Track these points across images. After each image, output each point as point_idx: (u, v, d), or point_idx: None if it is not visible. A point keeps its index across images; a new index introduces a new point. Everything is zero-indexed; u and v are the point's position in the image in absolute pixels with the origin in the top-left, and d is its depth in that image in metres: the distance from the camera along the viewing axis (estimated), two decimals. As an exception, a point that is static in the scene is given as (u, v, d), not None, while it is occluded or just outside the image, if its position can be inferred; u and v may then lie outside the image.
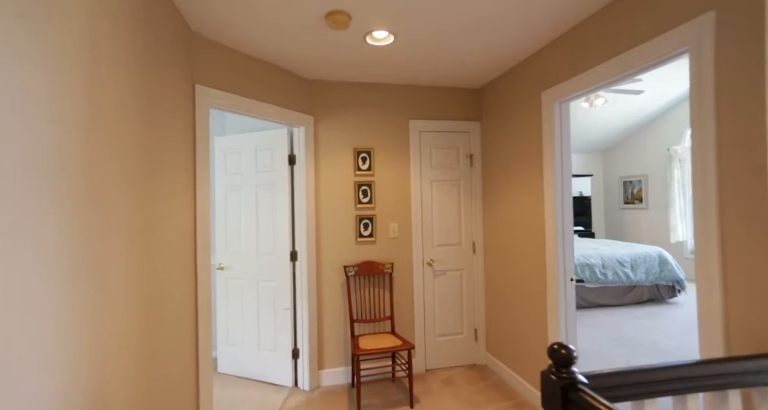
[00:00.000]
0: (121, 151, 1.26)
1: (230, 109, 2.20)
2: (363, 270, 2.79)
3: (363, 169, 2.89)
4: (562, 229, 2.16)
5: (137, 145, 1.38)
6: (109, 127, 1.19)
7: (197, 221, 1.97)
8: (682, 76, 5.09)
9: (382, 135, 2.93)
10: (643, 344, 3.39)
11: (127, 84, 1.30)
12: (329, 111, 2.84)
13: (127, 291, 1.30)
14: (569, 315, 2.16)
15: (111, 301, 1.20)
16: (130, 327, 1.32)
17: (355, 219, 2.86)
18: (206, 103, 2.03)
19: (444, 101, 3.03)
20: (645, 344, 3.39)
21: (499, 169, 2.77)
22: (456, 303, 3.02)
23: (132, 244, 1.34)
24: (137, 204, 1.38)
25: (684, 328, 3.76)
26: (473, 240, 3.05)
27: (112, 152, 1.21)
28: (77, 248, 1.02)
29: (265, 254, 2.79)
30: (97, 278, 1.12)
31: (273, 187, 2.79)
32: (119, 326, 1.25)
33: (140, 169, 1.40)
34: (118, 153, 1.24)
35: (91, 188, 1.08)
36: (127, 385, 1.29)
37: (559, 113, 2.15)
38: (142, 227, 1.43)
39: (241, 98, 2.26)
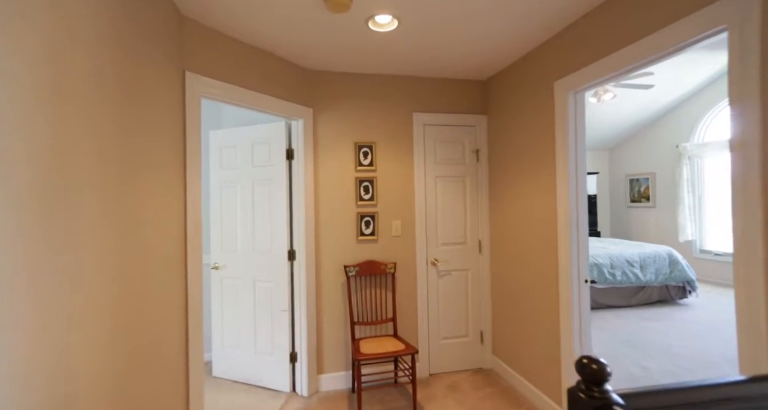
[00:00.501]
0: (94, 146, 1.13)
1: (224, 99, 2.07)
2: (364, 270, 2.67)
3: (364, 164, 2.76)
4: (576, 228, 2.02)
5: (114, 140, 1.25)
6: (77, 120, 1.06)
7: (188, 220, 1.84)
8: (695, 69, 4.94)
9: (384, 128, 2.79)
10: (657, 348, 3.26)
11: (98, 71, 1.17)
12: (329, 103, 2.71)
13: (104, 293, 1.18)
14: (584, 319, 2.03)
15: (84, 304, 1.07)
16: (110, 330, 1.20)
17: (356, 217, 2.73)
18: (197, 91, 1.90)
19: (449, 93, 2.89)
20: (658, 348, 3.25)
21: (508, 164, 2.64)
22: (461, 305, 2.89)
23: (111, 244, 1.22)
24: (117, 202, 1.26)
25: (698, 331, 3.62)
26: (479, 239, 2.92)
27: (84, 148, 1.08)
28: (38, 249, 0.89)
29: (262, 253, 2.67)
30: (66, 280, 0.99)
31: (270, 182, 2.66)
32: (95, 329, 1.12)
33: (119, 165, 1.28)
34: (91, 149, 1.11)
35: (57, 185, 0.95)
36: (105, 391, 1.16)
37: (574, 104, 2.01)
38: (124, 226, 1.30)
39: (236, 88, 2.13)
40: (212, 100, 2.07)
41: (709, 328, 3.69)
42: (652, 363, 2.96)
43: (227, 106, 3.12)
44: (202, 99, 2.08)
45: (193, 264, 1.86)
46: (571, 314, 2.02)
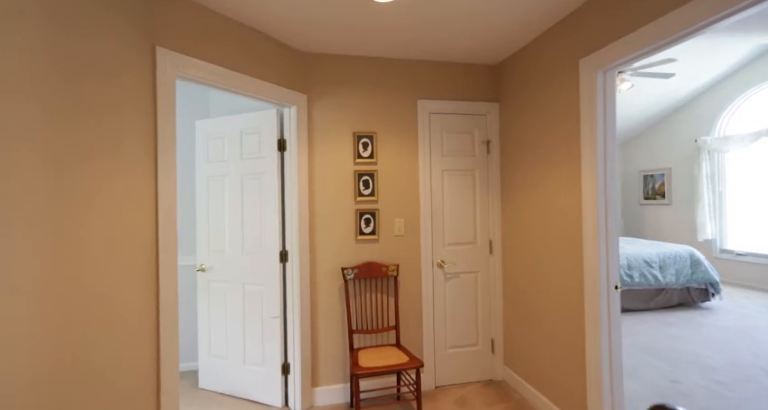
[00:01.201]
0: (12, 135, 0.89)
1: (204, 80, 1.83)
2: (364, 273, 2.42)
3: (364, 156, 2.51)
4: (605, 227, 1.76)
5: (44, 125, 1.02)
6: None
7: (159, 215, 1.60)
8: (717, 57, 4.64)
9: (386, 117, 2.54)
10: (683, 357, 2.99)
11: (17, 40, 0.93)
12: (325, 89, 2.46)
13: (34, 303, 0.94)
14: (614, 331, 1.77)
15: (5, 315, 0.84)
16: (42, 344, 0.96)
17: (355, 214, 2.49)
18: (171, 71, 1.66)
19: (457, 79, 2.63)
20: (685, 358, 2.98)
21: (523, 156, 2.38)
22: (470, 310, 2.64)
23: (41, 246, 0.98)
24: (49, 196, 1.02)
25: (726, 339, 3.35)
26: (490, 238, 2.67)
27: None
28: None
29: (252, 253, 2.43)
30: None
31: (260, 176, 2.42)
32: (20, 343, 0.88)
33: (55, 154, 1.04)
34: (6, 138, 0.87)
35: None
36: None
37: (603, 85, 1.75)
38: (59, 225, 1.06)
39: (219, 68, 1.89)
40: (191, 82, 1.83)
41: (739, 335, 3.42)
42: (682, 375, 2.69)
43: (216, 93, 2.89)
44: (182, 81, 1.84)
45: (166, 265, 1.62)
46: (599, 325, 1.76)
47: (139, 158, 1.50)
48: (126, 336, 1.42)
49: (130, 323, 1.44)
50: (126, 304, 1.42)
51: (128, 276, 1.43)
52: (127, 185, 1.44)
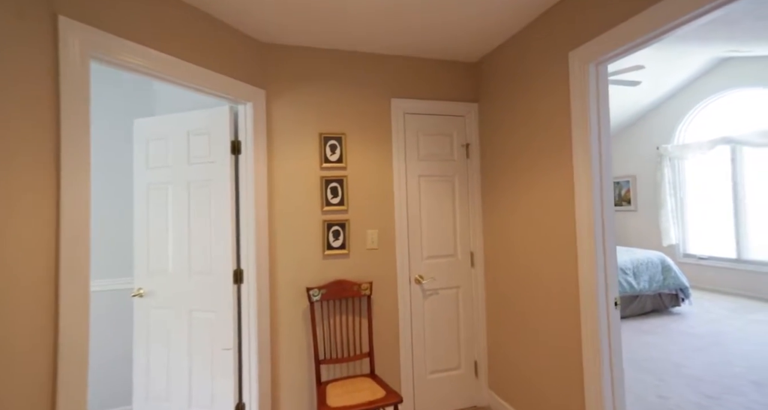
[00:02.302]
0: None
1: (131, 64, 1.49)
2: (332, 293, 2.12)
3: (332, 160, 2.23)
4: (602, 235, 1.59)
5: None
6: None
7: (62, 230, 1.24)
8: (677, 67, 4.80)
9: (356, 117, 2.29)
10: (666, 369, 2.90)
11: None
12: (288, 85, 2.18)
13: None
14: (614, 352, 1.59)
15: None
16: None
17: (322, 226, 2.19)
18: (82, 49, 1.32)
19: (434, 77, 2.44)
20: (668, 369, 2.90)
21: (506, 160, 2.20)
22: (451, 330, 2.40)
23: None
24: None
25: (702, 346, 3.32)
26: (471, 250, 2.46)
27: None
28: None
29: (200, 274, 2.06)
30: None
31: (211, 183, 2.08)
32: None
33: None
34: None
35: None
36: None
37: (596, 79, 1.59)
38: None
39: (156, 53, 1.56)
40: (116, 67, 1.48)
41: (712, 341, 3.41)
42: (668, 389, 2.58)
43: (163, 88, 2.52)
44: (105, 65, 1.49)
45: (70, 291, 1.25)
46: (599, 346, 1.57)
47: (32, 163, 1.15)
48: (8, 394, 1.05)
49: (15, 369, 1.07)
50: (8, 348, 1.05)
51: (15, 305, 1.06)
52: (8, 199, 1.08)
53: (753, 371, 2.82)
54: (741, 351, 3.19)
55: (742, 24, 2.83)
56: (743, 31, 3.11)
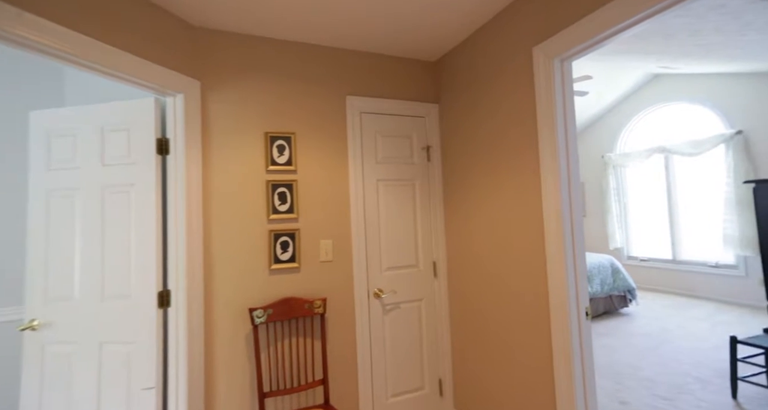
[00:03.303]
0: None
1: (29, 42, 1.17)
2: (280, 313, 1.86)
3: (280, 162, 1.99)
4: (572, 242, 1.50)
5: None
6: None
7: None
8: (620, 79, 5.11)
9: (307, 115, 2.07)
10: (624, 372, 2.93)
11: None
12: (228, 77, 1.91)
13: None
14: (587, 366, 1.49)
15: None
16: None
17: (269, 237, 1.93)
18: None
19: (393, 75, 2.29)
20: (625, 372, 2.93)
21: (468, 163, 2.08)
22: (414, 347, 2.22)
23: None
24: None
25: (653, 346, 3.43)
26: (434, 259, 2.31)
27: None
28: None
29: (116, 298, 1.71)
30: None
31: (131, 189, 1.74)
32: None
33: None
34: None
35: None
36: None
37: (561, 75, 1.52)
38: None
39: (57, 27, 1.24)
40: (4, 42, 1.15)
41: (661, 341, 3.54)
42: (627, 394, 2.59)
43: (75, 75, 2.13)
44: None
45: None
46: (571, 359, 1.47)
47: None
48: None
49: None
50: None
51: None
52: None
53: (697, 368, 2.93)
54: (685, 349, 3.33)
55: (677, 38, 3.01)
56: (677, 46, 3.32)
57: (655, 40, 3.17)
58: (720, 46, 3.15)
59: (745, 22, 2.41)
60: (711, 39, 2.94)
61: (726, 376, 2.80)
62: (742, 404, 2.45)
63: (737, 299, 4.67)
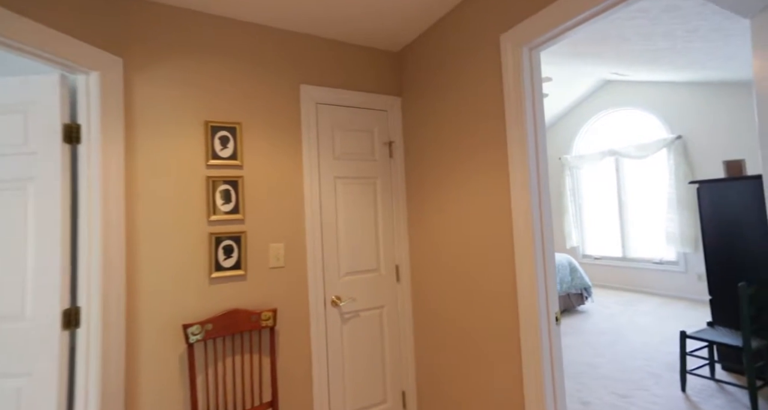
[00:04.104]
0: None
1: None
2: (221, 328, 1.61)
3: (223, 156, 1.74)
4: (541, 244, 1.40)
5: None
6: None
7: None
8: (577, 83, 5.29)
9: (256, 104, 1.84)
10: (584, 371, 2.95)
11: None
12: (160, 55, 1.64)
13: None
14: (557, 372, 1.40)
15: None
16: None
17: (209, 241, 1.68)
18: None
19: (352, 64, 2.11)
20: (585, 371, 2.95)
21: (433, 159, 1.96)
22: (375, 358, 2.05)
23: None
24: None
25: (608, 342, 3.52)
26: (396, 262, 2.16)
27: None
28: None
29: (5, 320, 1.38)
30: None
31: (29, 185, 1.42)
32: None
33: None
34: None
35: None
36: None
37: (530, 65, 1.42)
38: None
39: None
40: None
41: (616, 337, 3.65)
42: (588, 393, 2.59)
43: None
44: None
45: None
46: (541, 365, 1.37)
47: None
48: None
49: None
50: None
51: None
52: None
53: (649, 363, 3.03)
54: (637, 344, 3.45)
55: (630, 42, 3.11)
56: (629, 52, 3.45)
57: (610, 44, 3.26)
58: (667, 53, 3.30)
59: (693, 27, 2.51)
60: (660, 44, 3.07)
61: (674, 369, 2.90)
62: (691, 396, 2.53)
63: (678, 293, 4.98)
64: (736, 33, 2.58)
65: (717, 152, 4.60)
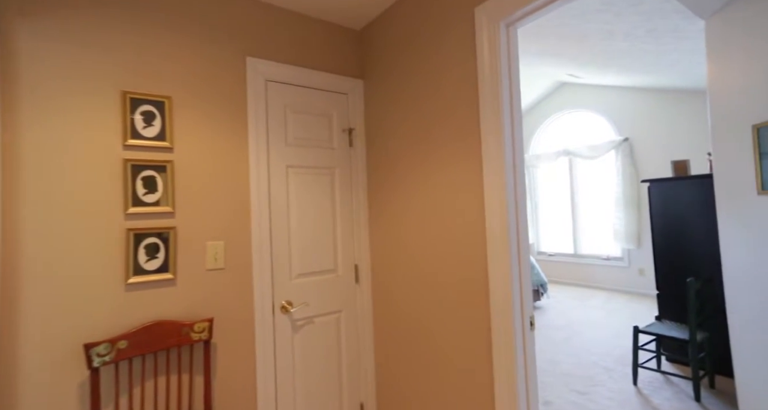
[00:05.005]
0: None
1: None
2: (140, 345, 1.32)
3: (147, 135, 1.44)
4: (516, 243, 1.27)
5: None
6: None
7: None
8: (533, 85, 5.38)
9: (191, 75, 1.55)
10: (544, 368, 2.95)
11: None
12: (57, 2, 1.30)
13: None
14: (530, 381, 1.28)
15: None
16: None
17: (126, 238, 1.37)
18: None
19: (309, 39, 1.87)
20: (545, 368, 2.95)
21: (398, 149, 1.78)
22: (331, 368, 1.84)
23: None
24: None
25: (564, 338, 3.58)
26: (356, 262, 1.96)
27: None
28: None
29: None
30: None
31: None
32: None
33: None
34: None
35: None
36: None
37: (507, 43, 1.28)
38: None
39: None
40: None
41: (572, 332, 3.72)
42: (550, 392, 2.57)
43: None
44: None
45: None
46: (514, 373, 1.24)
47: None
48: None
49: None
50: None
51: None
52: None
53: (603, 358, 3.10)
54: (591, 338, 3.54)
55: (589, 41, 3.14)
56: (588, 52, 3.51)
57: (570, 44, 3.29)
58: (623, 54, 3.39)
59: (653, 25, 2.56)
60: (618, 45, 3.13)
61: (624, 363, 2.98)
62: (642, 389, 2.59)
63: (622, 287, 5.26)
64: (690, 35, 2.68)
65: (660, 154, 4.89)
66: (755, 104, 1.70)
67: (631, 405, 2.39)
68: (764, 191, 1.71)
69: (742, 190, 1.76)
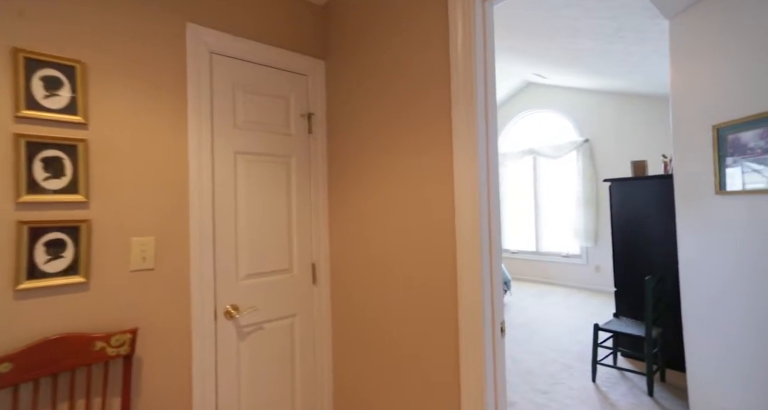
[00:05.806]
0: None
1: None
2: (34, 367, 1.07)
3: (49, 106, 1.17)
4: (488, 241, 1.15)
5: None
6: None
7: None
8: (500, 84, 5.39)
9: (112, 37, 1.28)
10: (509, 366, 2.92)
11: None
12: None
13: None
14: (500, 390, 1.17)
15: None
16: None
17: (17, 233, 1.10)
18: None
19: (264, 9, 1.64)
20: (510, 367, 2.92)
21: (362, 137, 1.61)
22: (283, 380, 1.65)
23: None
24: None
25: (526, 337, 3.60)
26: (313, 260, 1.77)
27: None
28: None
29: None
30: None
31: None
32: None
33: None
34: None
35: None
36: None
37: (483, 21, 1.15)
38: None
39: None
40: None
41: (532, 331, 3.75)
42: (514, 393, 2.53)
43: None
44: None
45: None
46: (484, 382, 1.13)
47: None
48: None
49: None
50: None
51: None
52: None
53: (563, 355, 3.13)
54: (550, 335, 3.58)
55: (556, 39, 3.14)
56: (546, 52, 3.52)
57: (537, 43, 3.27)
58: (588, 54, 3.43)
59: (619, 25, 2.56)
60: (584, 44, 3.15)
61: (583, 359, 3.03)
62: (600, 386, 2.62)
63: (580, 284, 5.44)
64: (653, 37, 2.72)
65: (618, 155, 5.08)
66: (715, 105, 1.70)
67: (591, 402, 2.40)
68: (722, 191, 1.72)
69: (700, 190, 1.77)
